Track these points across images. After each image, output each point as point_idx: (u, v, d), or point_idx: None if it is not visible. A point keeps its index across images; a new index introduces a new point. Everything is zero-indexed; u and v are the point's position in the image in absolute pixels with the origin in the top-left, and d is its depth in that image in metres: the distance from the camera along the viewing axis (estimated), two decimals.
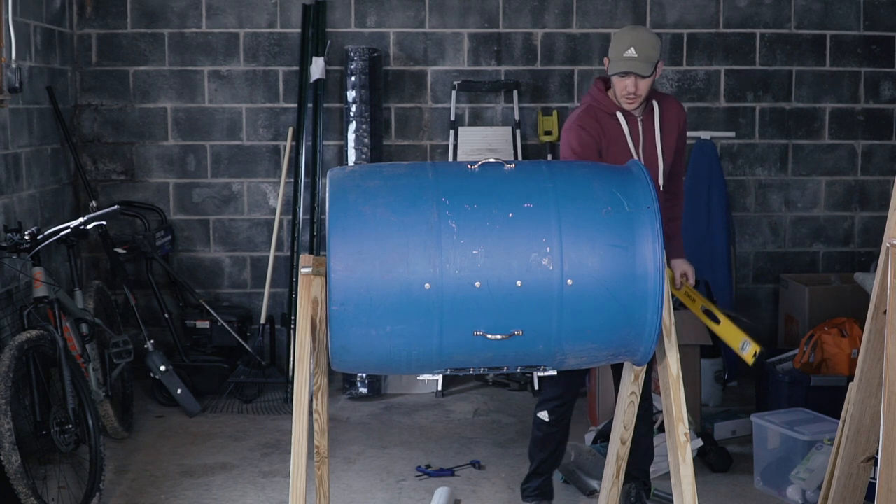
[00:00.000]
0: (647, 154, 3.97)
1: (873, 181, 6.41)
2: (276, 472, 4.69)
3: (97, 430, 4.37)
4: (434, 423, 5.43)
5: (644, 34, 3.88)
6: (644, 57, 3.81)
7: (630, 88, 3.85)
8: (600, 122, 3.91)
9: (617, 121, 3.93)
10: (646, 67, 3.81)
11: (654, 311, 2.82)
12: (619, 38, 3.88)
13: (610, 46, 3.90)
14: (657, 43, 3.88)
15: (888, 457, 2.87)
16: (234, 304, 6.22)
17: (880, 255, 3.01)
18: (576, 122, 3.92)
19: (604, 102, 3.95)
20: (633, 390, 3.33)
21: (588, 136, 3.86)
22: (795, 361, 5.22)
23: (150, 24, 6.10)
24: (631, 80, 3.83)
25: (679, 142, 4.08)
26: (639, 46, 3.82)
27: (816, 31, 6.29)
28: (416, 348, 2.82)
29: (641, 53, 3.81)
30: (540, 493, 4.21)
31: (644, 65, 3.81)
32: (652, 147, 3.97)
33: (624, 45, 3.83)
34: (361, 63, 5.90)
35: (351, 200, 2.84)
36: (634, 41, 3.83)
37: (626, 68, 3.81)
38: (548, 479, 4.23)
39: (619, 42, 3.86)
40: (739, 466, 4.73)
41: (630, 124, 3.94)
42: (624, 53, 3.82)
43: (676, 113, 4.06)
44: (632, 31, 3.91)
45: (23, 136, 5.21)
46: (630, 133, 3.93)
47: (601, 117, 3.92)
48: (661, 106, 4.02)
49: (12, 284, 4.84)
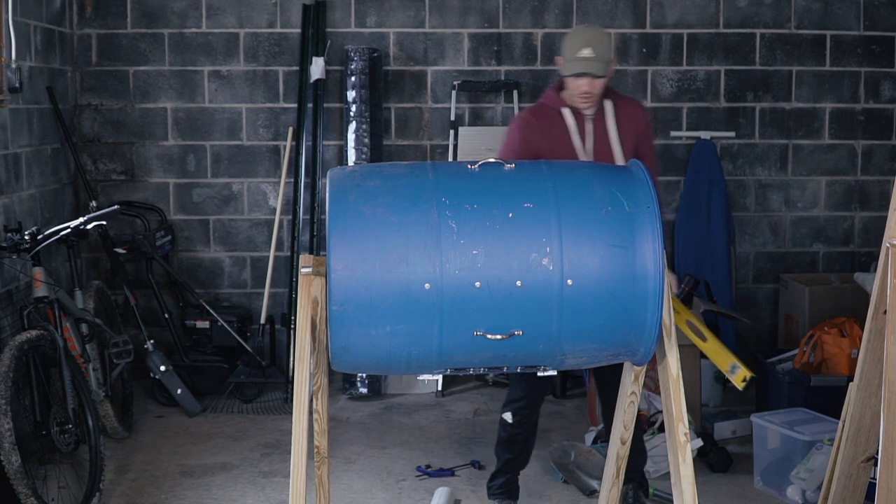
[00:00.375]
0: (597, 154, 3.93)
1: (873, 181, 6.41)
2: (276, 472, 4.69)
3: (97, 430, 4.37)
4: (434, 423, 5.43)
5: (598, 34, 3.87)
6: (599, 56, 3.79)
7: (585, 88, 3.83)
8: (546, 119, 3.92)
9: (562, 118, 3.92)
10: (601, 67, 3.79)
11: (654, 311, 2.82)
12: (574, 37, 3.85)
13: (563, 46, 3.87)
14: (610, 43, 3.88)
15: (888, 457, 2.87)
16: (234, 304, 6.22)
17: (880, 255, 3.01)
18: (520, 116, 3.98)
19: (553, 100, 3.96)
20: (633, 390, 3.33)
21: (528, 132, 3.89)
22: (795, 361, 5.22)
23: (150, 24, 6.10)
24: (586, 81, 3.81)
25: (640, 144, 4.02)
26: (594, 46, 3.79)
27: (816, 31, 6.29)
28: (416, 348, 2.82)
29: (597, 53, 3.78)
30: (504, 491, 4.23)
31: (599, 65, 3.79)
32: (605, 147, 3.93)
33: (578, 44, 3.80)
34: (361, 63, 5.90)
35: (351, 200, 2.83)
36: (589, 41, 3.80)
37: (581, 69, 3.79)
38: (513, 477, 4.24)
39: (573, 42, 3.83)
40: (739, 466, 4.73)
41: (577, 122, 3.92)
42: (578, 53, 3.79)
43: (634, 114, 4.01)
44: (586, 30, 3.90)
45: (23, 136, 5.21)
46: (578, 130, 3.91)
47: (548, 114, 3.93)
48: (616, 106, 3.97)
49: (12, 284, 4.84)
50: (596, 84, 3.83)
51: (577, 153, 3.92)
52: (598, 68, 3.80)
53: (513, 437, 4.17)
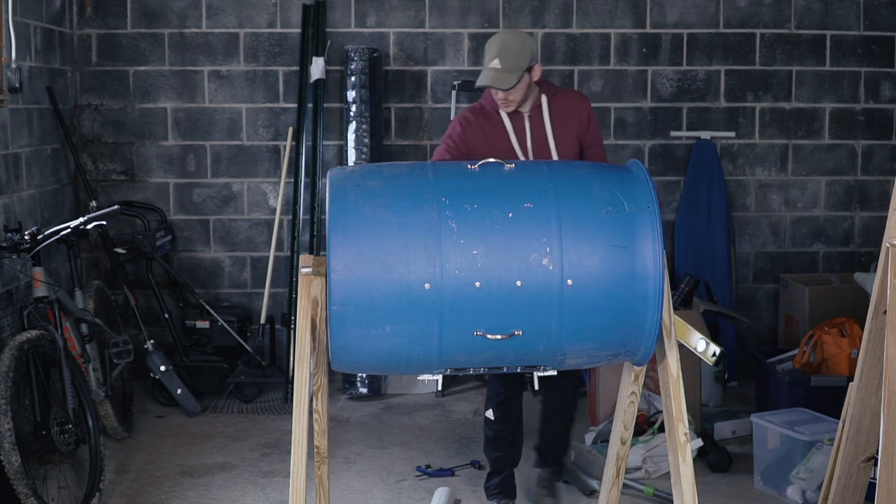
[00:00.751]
0: (536, 152, 3.92)
1: (873, 181, 6.41)
2: (276, 472, 4.69)
3: (97, 430, 4.37)
4: (434, 423, 5.43)
5: (511, 42, 3.77)
6: (508, 67, 3.73)
7: (500, 96, 3.82)
8: (486, 119, 3.89)
9: (501, 119, 3.90)
10: (508, 79, 3.73)
11: (654, 311, 2.82)
12: (488, 46, 3.81)
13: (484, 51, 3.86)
14: (525, 49, 3.77)
15: (888, 457, 2.87)
16: (234, 304, 6.22)
17: (880, 255, 3.01)
18: (462, 115, 3.94)
19: (491, 101, 3.93)
20: (633, 390, 3.33)
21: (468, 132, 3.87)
22: (795, 361, 5.22)
23: (150, 24, 6.10)
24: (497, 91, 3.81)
25: (584, 134, 4.00)
26: (502, 56, 3.73)
27: (816, 31, 6.29)
28: (416, 348, 2.82)
29: (505, 63, 3.73)
30: (501, 490, 4.24)
31: (507, 76, 3.73)
32: (544, 144, 3.92)
33: (490, 54, 3.76)
34: (361, 63, 5.90)
35: (351, 200, 2.84)
36: (499, 51, 3.74)
37: (485, 82, 3.76)
38: (508, 476, 4.25)
39: (487, 50, 3.80)
40: (739, 466, 4.73)
41: (515, 123, 3.90)
42: (488, 64, 3.75)
43: (575, 106, 3.98)
44: (499, 38, 3.82)
45: (23, 136, 5.21)
46: (515, 132, 3.90)
47: (488, 115, 3.91)
48: (553, 101, 3.94)
49: (12, 284, 4.84)
50: (510, 92, 3.80)
51: (517, 155, 3.90)
52: (505, 81, 3.73)
53: (499, 435, 4.19)
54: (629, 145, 6.30)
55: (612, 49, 6.23)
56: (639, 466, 4.63)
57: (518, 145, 3.91)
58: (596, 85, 6.24)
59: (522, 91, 3.84)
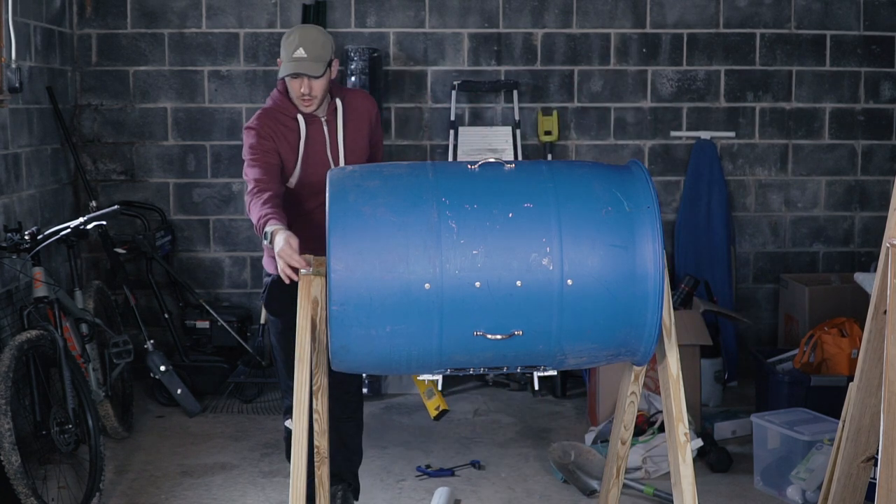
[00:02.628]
0: (334, 154, 3.85)
1: (873, 181, 6.41)
2: (276, 472, 4.69)
3: (97, 430, 4.37)
4: (434, 423, 5.43)
5: (314, 34, 3.77)
6: (314, 56, 3.70)
7: (304, 90, 3.73)
8: (280, 125, 3.78)
9: (297, 125, 3.80)
10: (316, 67, 3.71)
11: (654, 311, 2.82)
12: (288, 38, 3.76)
13: (280, 48, 3.80)
14: (328, 42, 3.77)
15: (888, 457, 2.87)
16: (234, 304, 6.22)
17: (880, 255, 3.01)
18: (252, 123, 3.78)
19: (283, 106, 3.83)
20: (633, 390, 3.33)
21: (263, 140, 3.73)
22: (795, 361, 5.22)
23: (150, 24, 6.09)
24: (304, 81, 3.72)
25: (373, 136, 3.98)
26: (307, 46, 3.70)
27: (816, 31, 6.29)
28: (416, 348, 2.82)
29: (311, 53, 3.70)
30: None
31: (314, 64, 3.70)
32: (335, 147, 3.85)
33: (293, 45, 3.72)
34: (361, 63, 5.90)
35: (351, 200, 2.84)
36: (303, 41, 3.72)
37: (295, 69, 3.71)
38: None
39: (288, 43, 3.75)
40: (739, 466, 4.73)
41: (313, 129, 3.82)
42: (294, 54, 3.71)
43: (366, 108, 3.95)
44: (300, 30, 3.80)
45: (23, 136, 5.21)
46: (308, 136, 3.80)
47: (282, 120, 3.80)
48: (345, 103, 3.90)
49: (12, 284, 4.84)
50: (315, 85, 3.73)
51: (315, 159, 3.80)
52: (313, 69, 3.70)
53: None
54: (629, 145, 6.30)
55: (612, 49, 6.23)
56: (639, 466, 4.63)
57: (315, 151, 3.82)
58: (596, 85, 6.24)
59: (325, 85, 3.76)
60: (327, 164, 3.82)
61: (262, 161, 3.71)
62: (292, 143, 3.79)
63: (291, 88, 3.78)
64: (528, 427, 5.37)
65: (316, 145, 3.83)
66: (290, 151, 3.79)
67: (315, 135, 3.83)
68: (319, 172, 3.70)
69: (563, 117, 6.24)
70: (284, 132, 3.79)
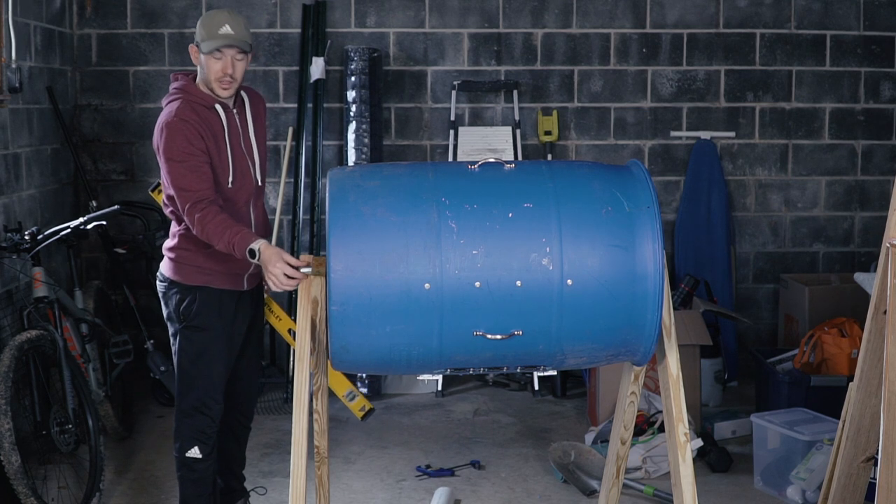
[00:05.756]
0: (248, 148, 3.68)
1: (873, 181, 6.41)
2: (276, 472, 4.69)
3: (97, 430, 4.37)
4: (434, 423, 5.43)
5: (237, 16, 3.63)
6: (241, 35, 3.56)
7: (228, 70, 3.54)
8: (202, 119, 3.55)
9: (217, 115, 3.60)
10: (245, 44, 3.56)
11: (654, 311, 2.82)
12: (211, 17, 3.58)
13: (197, 32, 3.61)
14: (247, 23, 3.66)
15: (888, 457, 2.87)
16: None
17: (880, 255, 3.01)
18: (176, 116, 3.51)
19: (199, 95, 3.60)
20: (633, 390, 3.33)
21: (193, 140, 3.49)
22: (795, 361, 5.22)
23: (150, 24, 6.09)
24: (228, 61, 3.54)
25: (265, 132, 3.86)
26: (234, 25, 3.56)
27: (816, 31, 6.29)
28: (416, 348, 2.82)
29: (237, 30, 3.56)
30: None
31: (243, 42, 3.56)
32: (248, 140, 3.70)
33: (218, 23, 3.55)
34: (361, 63, 5.90)
35: (351, 200, 2.84)
36: (229, 20, 3.56)
37: (226, 42, 3.51)
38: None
39: (210, 22, 3.56)
40: (739, 466, 4.73)
41: (229, 119, 3.63)
42: (220, 31, 3.54)
43: (263, 105, 3.84)
44: (219, 12, 3.63)
45: (23, 136, 5.21)
46: (229, 128, 3.62)
47: (201, 112, 3.56)
48: (249, 95, 3.77)
49: (12, 284, 4.84)
50: (238, 67, 3.57)
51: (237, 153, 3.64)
52: (244, 44, 3.54)
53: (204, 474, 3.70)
54: (629, 145, 6.30)
55: (612, 49, 6.23)
56: (639, 466, 4.63)
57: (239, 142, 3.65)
58: (596, 85, 6.24)
59: (244, 70, 3.62)
60: (245, 159, 3.67)
61: (195, 165, 3.48)
62: (218, 137, 3.58)
63: (211, 70, 3.56)
64: (528, 427, 5.37)
65: (236, 137, 3.65)
66: (217, 147, 3.57)
67: (232, 127, 3.65)
68: (243, 167, 3.63)
69: (563, 117, 6.24)
70: (209, 126, 3.56)
